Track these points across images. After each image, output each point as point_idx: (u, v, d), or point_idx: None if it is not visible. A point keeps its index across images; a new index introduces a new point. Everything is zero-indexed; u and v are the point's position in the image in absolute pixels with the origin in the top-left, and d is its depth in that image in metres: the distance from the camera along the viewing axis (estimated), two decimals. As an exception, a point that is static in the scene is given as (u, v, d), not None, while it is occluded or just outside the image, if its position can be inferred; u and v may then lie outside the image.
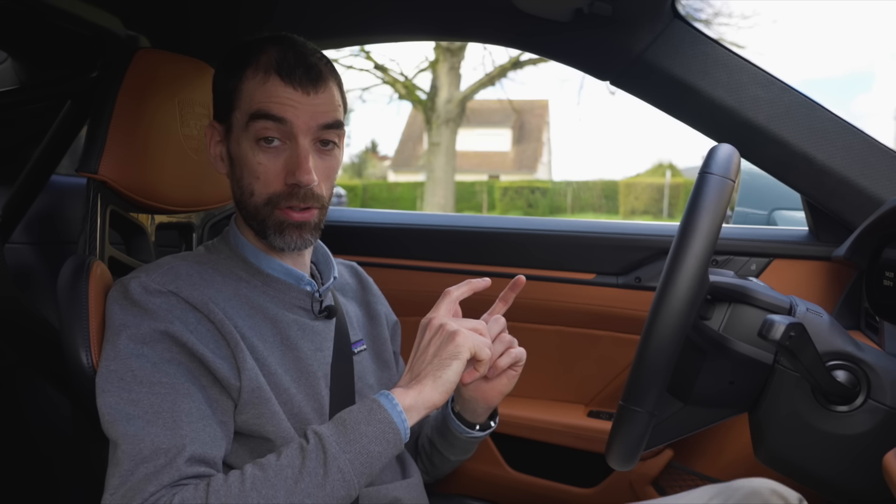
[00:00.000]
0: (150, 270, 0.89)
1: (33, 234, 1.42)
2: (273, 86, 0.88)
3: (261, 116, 0.87)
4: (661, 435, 0.82)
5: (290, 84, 0.88)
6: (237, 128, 0.91)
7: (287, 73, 0.88)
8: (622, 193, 18.21)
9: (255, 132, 0.88)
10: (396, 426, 0.81)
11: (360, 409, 0.82)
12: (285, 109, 0.88)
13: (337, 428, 0.81)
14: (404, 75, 11.19)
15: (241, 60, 0.92)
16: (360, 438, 0.80)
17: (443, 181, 11.28)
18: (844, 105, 47.48)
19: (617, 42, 1.17)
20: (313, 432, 0.80)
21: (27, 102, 1.38)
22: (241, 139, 0.90)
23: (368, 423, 0.81)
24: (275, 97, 0.88)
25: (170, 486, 0.75)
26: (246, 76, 0.90)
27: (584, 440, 1.43)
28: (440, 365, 0.84)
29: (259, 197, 0.90)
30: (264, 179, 0.89)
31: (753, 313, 0.78)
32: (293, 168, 0.88)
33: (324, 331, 0.97)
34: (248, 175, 0.90)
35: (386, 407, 0.82)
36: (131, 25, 1.25)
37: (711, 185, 0.71)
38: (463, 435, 1.05)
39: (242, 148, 0.90)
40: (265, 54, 0.90)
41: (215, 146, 0.95)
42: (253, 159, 0.89)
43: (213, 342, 0.84)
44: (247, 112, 0.89)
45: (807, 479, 0.80)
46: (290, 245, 0.92)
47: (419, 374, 0.85)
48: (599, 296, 1.42)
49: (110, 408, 0.79)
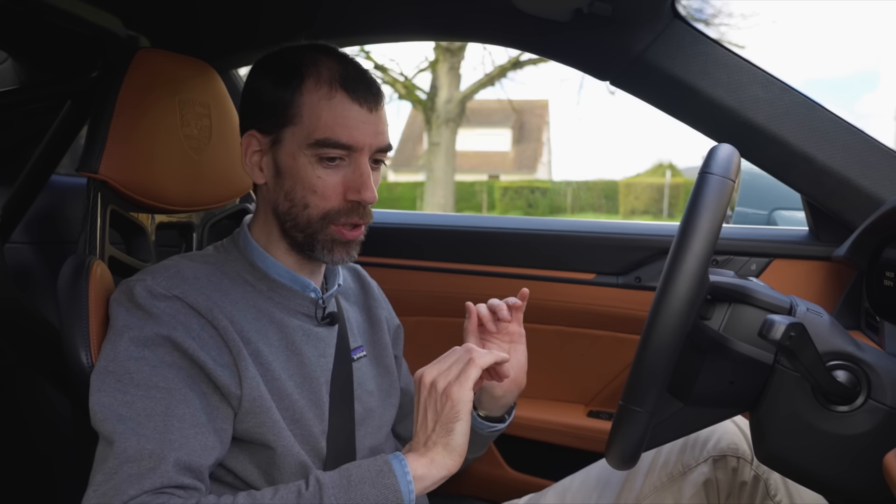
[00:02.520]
0: (156, 273, 0.87)
1: (33, 233, 1.42)
2: (340, 103, 0.87)
3: (329, 144, 0.87)
4: (662, 435, 0.82)
5: (356, 101, 0.88)
6: (292, 142, 0.88)
7: (353, 88, 0.88)
8: (622, 193, 18.22)
9: (320, 153, 0.87)
10: (401, 496, 0.79)
11: (370, 467, 0.80)
12: (353, 135, 0.87)
13: (340, 481, 0.79)
14: (404, 75, 11.19)
15: (293, 70, 0.89)
16: (360, 499, 0.77)
17: (443, 181, 11.27)
18: (849, 105, 47.45)
19: (617, 42, 1.17)
20: (315, 479, 0.79)
21: (27, 102, 1.38)
22: (298, 154, 0.88)
23: (373, 486, 0.78)
24: (342, 118, 0.87)
25: (152, 492, 0.73)
26: (306, 89, 0.88)
27: (584, 440, 1.43)
28: (445, 431, 0.81)
29: (315, 210, 0.89)
30: (322, 194, 0.89)
31: (753, 313, 0.78)
32: (356, 186, 0.88)
33: (326, 337, 0.97)
34: (302, 188, 0.89)
35: (396, 472, 0.80)
36: (132, 25, 1.25)
37: (711, 185, 0.71)
38: (485, 431, 1.06)
39: (299, 162, 0.88)
40: (324, 66, 0.89)
41: (253, 155, 0.92)
42: (312, 174, 0.88)
43: (215, 349, 0.84)
44: (310, 133, 0.87)
45: (807, 479, 0.80)
46: (336, 261, 0.93)
47: (427, 442, 0.82)
48: (599, 296, 1.42)
49: (103, 406, 0.78)
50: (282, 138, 0.89)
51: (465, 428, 0.81)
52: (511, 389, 1.03)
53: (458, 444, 0.81)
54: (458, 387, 0.80)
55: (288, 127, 0.89)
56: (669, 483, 1.03)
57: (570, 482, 1.13)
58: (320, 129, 0.87)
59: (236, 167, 1.18)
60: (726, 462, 1.02)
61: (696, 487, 1.02)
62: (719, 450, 1.02)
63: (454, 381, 0.81)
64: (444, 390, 0.80)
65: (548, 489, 1.15)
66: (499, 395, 1.03)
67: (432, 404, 0.82)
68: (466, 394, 0.80)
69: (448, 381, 0.81)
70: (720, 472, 1.02)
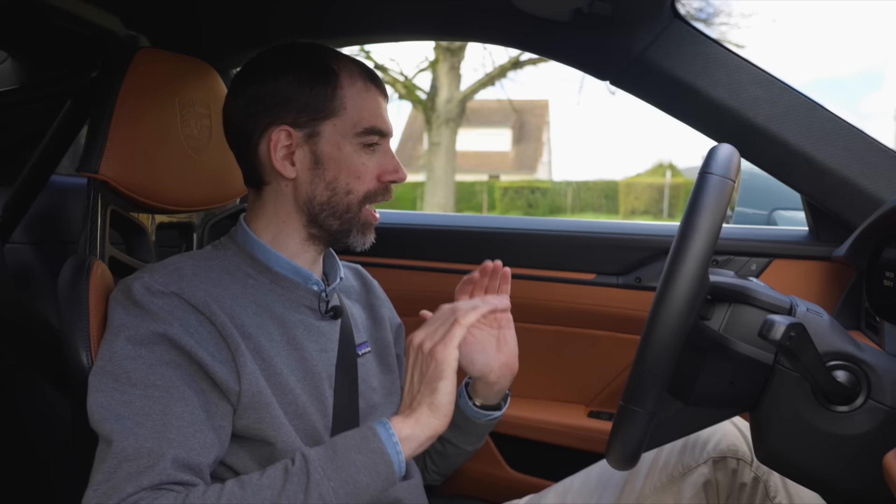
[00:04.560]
0: (155, 270, 0.88)
1: (33, 234, 1.42)
2: (374, 96, 0.96)
3: (375, 132, 0.95)
4: (662, 435, 0.82)
5: (381, 94, 0.98)
6: (334, 133, 0.93)
7: (377, 83, 0.97)
8: (622, 193, 18.21)
9: (366, 140, 0.94)
10: (389, 457, 0.79)
11: (354, 435, 0.81)
12: (387, 123, 0.97)
13: (326, 453, 0.79)
14: (404, 75, 11.18)
15: (323, 68, 0.94)
16: (348, 466, 0.78)
17: (443, 181, 11.27)
18: (854, 104, 47.35)
19: (617, 42, 1.17)
20: (301, 454, 0.79)
21: (27, 102, 1.38)
22: (343, 144, 0.93)
23: (359, 452, 0.79)
24: (378, 108, 0.96)
25: (150, 489, 0.73)
26: (342, 83, 0.93)
27: (585, 440, 1.43)
28: (430, 390, 0.82)
29: (356, 195, 0.95)
30: (364, 178, 0.95)
31: (754, 313, 0.77)
32: (393, 167, 0.97)
33: (329, 331, 0.97)
34: (347, 175, 0.94)
35: (381, 436, 0.80)
36: (132, 25, 1.25)
37: (711, 185, 0.71)
38: (482, 419, 1.07)
39: (345, 152, 0.94)
40: (348, 62, 0.96)
41: (282, 150, 0.93)
42: (357, 160, 0.94)
43: (213, 345, 0.84)
44: (357, 122, 0.93)
45: (807, 479, 0.80)
46: (367, 244, 0.99)
47: (413, 402, 0.84)
48: (599, 296, 1.42)
49: (101, 407, 0.78)
50: (320, 130, 0.93)
51: (449, 387, 0.82)
52: (504, 374, 1.03)
53: (443, 402, 0.82)
54: (443, 346, 0.83)
55: (329, 119, 0.93)
56: (669, 484, 1.03)
57: (570, 483, 1.13)
58: (366, 119, 0.94)
59: (236, 167, 1.18)
60: (726, 463, 1.02)
61: (696, 489, 1.02)
62: (719, 451, 1.02)
63: (439, 341, 0.83)
64: (430, 351, 0.83)
65: (548, 490, 1.15)
66: (492, 381, 1.03)
67: (418, 366, 0.85)
68: (451, 353, 0.83)
69: (434, 343, 0.84)
70: (720, 474, 1.02)
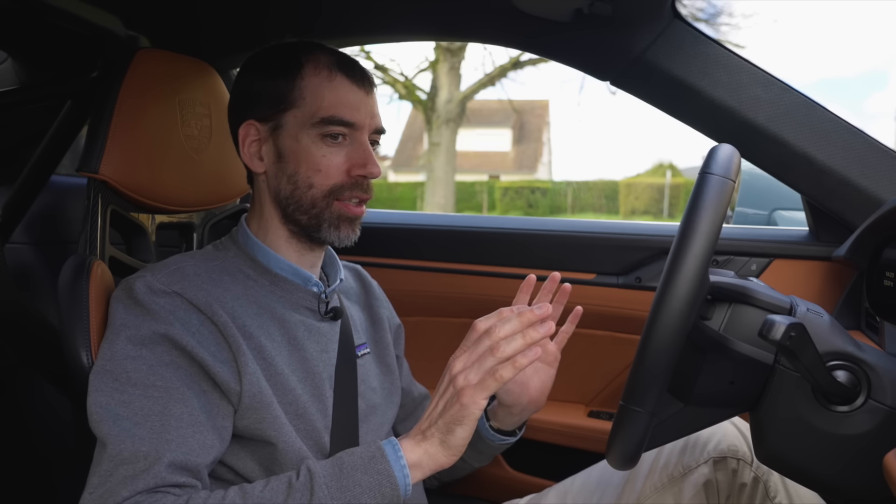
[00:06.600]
0: (157, 270, 0.88)
1: (33, 234, 1.43)
2: (341, 84, 0.92)
3: (335, 122, 0.90)
4: (662, 435, 0.82)
5: (354, 83, 0.93)
6: (294, 125, 0.91)
7: (350, 72, 0.93)
8: (622, 193, 18.21)
9: (324, 131, 0.91)
10: (396, 481, 0.77)
11: (362, 453, 0.79)
12: (354, 114, 0.92)
13: (332, 469, 0.77)
14: (404, 75, 11.18)
15: (290, 60, 0.92)
16: (353, 487, 0.76)
17: (443, 181, 11.27)
18: (857, 104, 47.26)
19: (617, 42, 1.17)
20: (306, 468, 0.77)
21: (27, 102, 1.38)
22: (301, 135, 0.91)
23: (366, 472, 0.77)
24: (343, 98, 0.91)
25: (146, 492, 0.73)
26: (306, 74, 0.91)
27: (585, 440, 1.43)
28: (447, 428, 0.78)
29: (319, 189, 0.92)
30: (326, 172, 0.91)
31: (754, 313, 0.77)
32: (361, 161, 0.92)
33: (329, 332, 0.97)
34: (307, 168, 0.91)
35: (389, 458, 0.78)
36: (132, 25, 1.25)
37: (711, 185, 0.71)
38: (496, 443, 1.08)
39: (303, 144, 0.91)
40: (321, 53, 0.93)
41: (251, 145, 0.94)
42: (317, 153, 0.91)
43: (214, 345, 0.84)
44: (314, 112, 0.90)
45: (807, 479, 0.80)
46: (343, 240, 0.95)
47: (428, 431, 0.80)
48: (600, 296, 1.42)
49: (100, 407, 0.78)
50: (282, 123, 0.92)
51: (466, 433, 0.78)
52: (528, 409, 1.04)
53: (456, 445, 0.79)
54: (472, 393, 0.76)
55: (289, 111, 0.91)
56: (670, 484, 1.04)
57: (570, 483, 1.13)
58: (324, 108, 0.90)
59: (236, 167, 1.18)
60: (726, 463, 1.02)
61: (697, 489, 1.02)
62: (719, 451, 1.02)
63: (472, 385, 0.77)
64: (459, 391, 0.77)
65: (549, 489, 1.16)
66: (515, 412, 1.04)
67: (445, 398, 0.79)
68: (478, 403, 0.77)
69: (467, 382, 0.77)
70: (720, 474, 1.02)
